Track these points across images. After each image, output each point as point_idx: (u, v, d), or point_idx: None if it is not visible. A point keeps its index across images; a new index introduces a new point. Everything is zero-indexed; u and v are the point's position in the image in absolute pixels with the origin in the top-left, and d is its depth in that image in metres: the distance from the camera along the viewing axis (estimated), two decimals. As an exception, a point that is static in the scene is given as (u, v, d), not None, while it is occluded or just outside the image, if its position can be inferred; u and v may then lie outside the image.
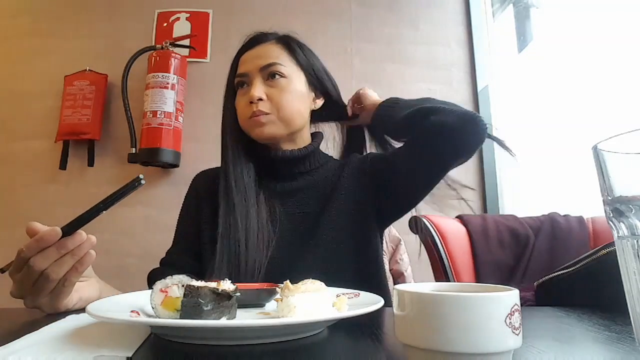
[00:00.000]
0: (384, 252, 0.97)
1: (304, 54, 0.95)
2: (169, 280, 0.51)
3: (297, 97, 0.91)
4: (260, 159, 0.92)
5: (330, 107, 1.00)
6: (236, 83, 0.93)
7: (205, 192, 0.93)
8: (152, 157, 1.91)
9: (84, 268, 0.61)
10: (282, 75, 0.89)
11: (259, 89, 0.88)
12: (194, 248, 0.89)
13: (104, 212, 0.59)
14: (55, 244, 0.57)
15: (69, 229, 0.58)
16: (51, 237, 0.57)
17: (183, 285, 0.49)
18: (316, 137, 0.98)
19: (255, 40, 0.95)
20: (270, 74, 0.89)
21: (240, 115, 0.91)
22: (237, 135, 0.92)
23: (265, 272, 0.80)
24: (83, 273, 0.62)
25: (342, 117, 1.03)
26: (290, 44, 0.94)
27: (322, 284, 0.52)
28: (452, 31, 2.25)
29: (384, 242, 0.97)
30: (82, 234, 0.59)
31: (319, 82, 0.96)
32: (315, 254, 0.83)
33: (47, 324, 0.51)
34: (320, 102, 0.98)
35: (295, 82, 0.91)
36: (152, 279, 0.85)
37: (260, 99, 0.87)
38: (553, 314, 0.62)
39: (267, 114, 0.87)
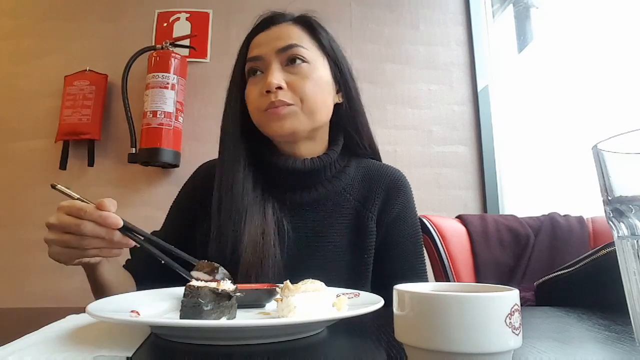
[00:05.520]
0: None
1: (328, 37, 0.83)
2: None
3: (322, 85, 0.79)
4: (268, 166, 0.81)
5: (346, 113, 0.85)
6: (247, 70, 0.80)
7: (202, 189, 0.85)
8: (152, 157, 1.91)
9: (108, 256, 0.64)
10: (304, 60, 0.77)
11: (277, 76, 0.75)
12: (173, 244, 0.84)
13: (153, 253, 0.64)
14: (106, 229, 0.60)
15: (124, 227, 0.61)
16: (112, 223, 0.60)
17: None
18: (336, 140, 0.85)
19: (270, 21, 0.82)
20: (289, 58, 0.77)
21: (253, 108, 0.78)
22: (241, 135, 0.80)
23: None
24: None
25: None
26: (312, 24, 0.82)
27: (322, 284, 0.52)
28: (452, 31, 2.25)
29: None
30: (130, 241, 0.63)
31: (341, 73, 0.83)
32: (317, 265, 0.79)
33: (47, 324, 0.51)
34: (341, 98, 0.84)
35: (320, 68, 0.79)
36: (132, 253, 0.86)
37: (280, 88, 0.75)
38: (553, 314, 0.62)
39: (289, 104, 0.75)
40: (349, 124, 0.86)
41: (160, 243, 0.66)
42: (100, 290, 0.73)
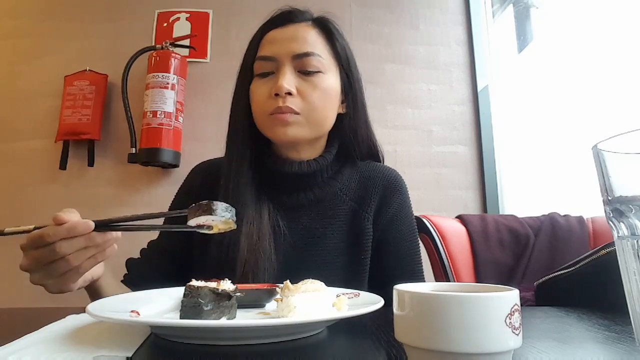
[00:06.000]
0: None
1: (344, 45, 0.82)
2: None
3: (330, 95, 0.78)
4: (265, 167, 0.81)
5: (347, 123, 0.83)
6: (257, 67, 0.78)
7: (200, 188, 0.85)
8: (152, 157, 1.90)
9: (103, 259, 0.60)
10: (317, 69, 0.76)
11: (289, 80, 0.73)
12: (174, 247, 0.84)
13: (143, 226, 0.60)
14: (85, 236, 0.56)
15: (101, 225, 0.57)
16: (83, 229, 0.55)
17: None
18: (332, 143, 0.85)
19: (288, 17, 0.79)
20: (304, 66, 0.75)
21: (258, 109, 0.76)
22: (248, 134, 0.79)
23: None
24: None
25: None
26: (330, 30, 0.81)
27: (322, 284, 0.52)
28: (452, 31, 2.25)
29: None
30: (113, 234, 0.58)
31: (350, 85, 0.82)
32: (314, 265, 0.79)
33: (47, 324, 0.51)
34: (345, 109, 0.83)
35: (331, 77, 0.78)
36: (130, 267, 0.85)
37: (289, 93, 0.73)
38: (553, 314, 0.62)
39: (295, 112, 0.74)
40: (348, 133, 0.85)
41: (145, 216, 0.62)
42: None
